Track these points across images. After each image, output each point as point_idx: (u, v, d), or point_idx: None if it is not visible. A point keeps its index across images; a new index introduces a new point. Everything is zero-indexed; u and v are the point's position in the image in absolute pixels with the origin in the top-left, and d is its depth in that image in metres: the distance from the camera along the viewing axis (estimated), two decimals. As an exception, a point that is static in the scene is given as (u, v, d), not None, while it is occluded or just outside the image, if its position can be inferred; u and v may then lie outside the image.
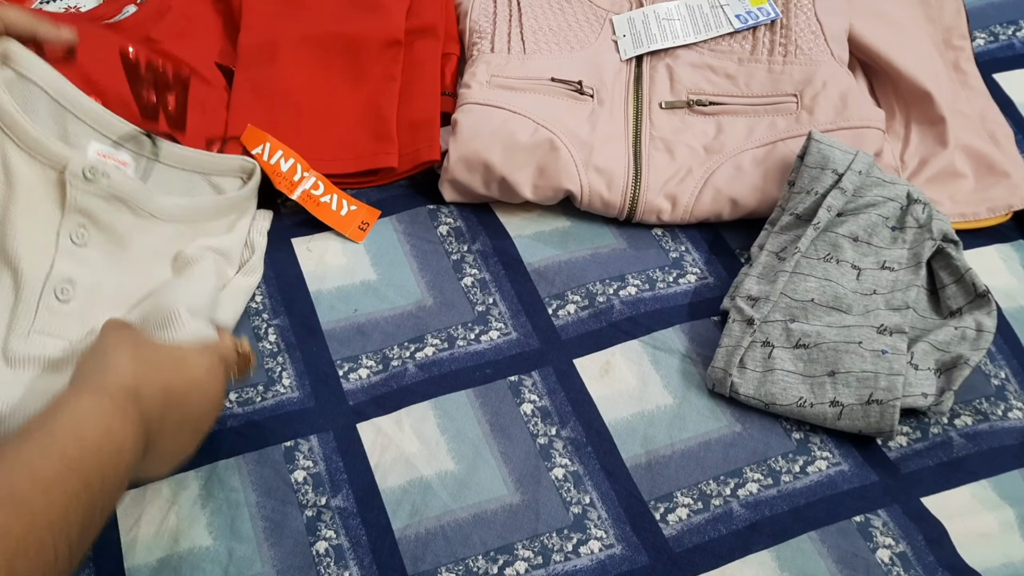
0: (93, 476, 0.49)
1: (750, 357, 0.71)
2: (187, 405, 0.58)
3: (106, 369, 0.55)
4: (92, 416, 0.51)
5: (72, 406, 0.52)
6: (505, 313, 0.76)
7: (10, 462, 0.48)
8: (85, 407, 0.52)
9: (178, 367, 0.58)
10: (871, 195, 0.76)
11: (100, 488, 0.49)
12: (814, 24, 0.88)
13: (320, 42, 0.87)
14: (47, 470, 0.47)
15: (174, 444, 0.59)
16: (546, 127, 0.81)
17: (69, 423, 0.51)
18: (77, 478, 0.48)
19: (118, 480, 0.51)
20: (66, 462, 0.48)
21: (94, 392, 0.53)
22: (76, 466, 0.48)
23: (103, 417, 0.52)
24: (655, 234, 0.82)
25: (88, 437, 0.50)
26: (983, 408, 0.72)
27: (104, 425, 0.51)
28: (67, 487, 0.47)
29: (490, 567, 0.63)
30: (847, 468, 0.68)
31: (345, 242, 0.80)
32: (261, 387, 0.71)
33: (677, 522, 0.65)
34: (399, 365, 0.72)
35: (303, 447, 0.68)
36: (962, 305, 0.74)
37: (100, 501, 0.49)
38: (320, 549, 0.63)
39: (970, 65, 0.93)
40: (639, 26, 0.89)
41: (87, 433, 0.50)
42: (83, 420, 0.51)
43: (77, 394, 0.53)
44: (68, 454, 0.49)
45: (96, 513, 0.49)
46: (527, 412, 0.70)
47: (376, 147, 0.83)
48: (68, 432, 0.50)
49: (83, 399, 0.52)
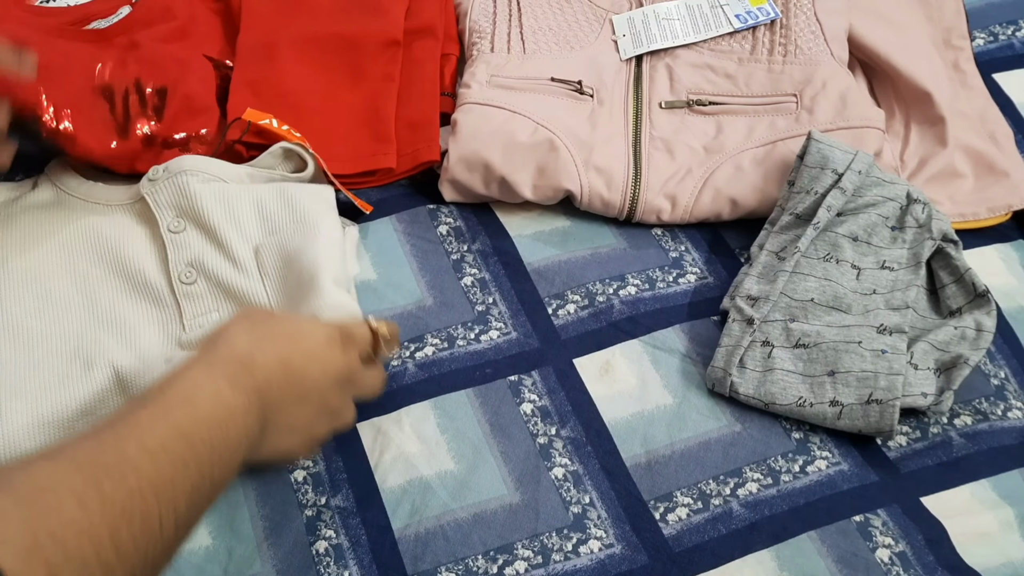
0: (202, 445, 0.49)
1: (750, 357, 0.71)
2: (306, 377, 0.57)
3: (220, 342, 0.55)
4: (203, 385, 0.51)
5: (184, 376, 0.52)
6: (505, 313, 0.76)
7: (122, 427, 0.47)
8: (196, 377, 0.52)
9: (295, 339, 0.58)
10: (871, 195, 0.76)
11: (210, 458, 0.49)
12: (814, 24, 0.88)
13: (319, 42, 0.87)
14: (156, 436, 0.47)
15: (296, 419, 0.58)
16: (546, 127, 0.81)
17: (180, 392, 0.50)
18: (186, 445, 0.48)
19: (230, 451, 0.51)
20: (176, 429, 0.48)
21: (207, 363, 0.53)
22: (185, 433, 0.48)
23: (214, 386, 0.51)
24: (655, 234, 0.82)
25: (199, 405, 0.50)
26: (983, 408, 0.72)
27: (214, 394, 0.51)
28: (175, 454, 0.47)
29: (490, 567, 0.63)
30: (847, 468, 0.68)
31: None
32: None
33: (677, 522, 0.65)
34: (399, 365, 0.72)
35: (303, 447, 0.68)
36: (962, 305, 0.74)
37: (211, 471, 0.49)
38: (320, 548, 0.63)
39: (970, 65, 0.93)
40: (639, 26, 0.89)
41: (198, 401, 0.50)
42: (194, 389, 0.51)
43: (190, 366, 0.53)
44: (178, 421, 0.48)
45: (206, 484, 0.49)
46: (527, 412, 0.70)
47: (375, 147, 0.83)
48: (179, 400, 0.50)
49: (195, 369, 0.52)
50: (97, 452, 0.46)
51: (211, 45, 0.88)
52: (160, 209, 0.74)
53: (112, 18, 0.88)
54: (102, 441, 0.46)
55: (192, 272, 0.72)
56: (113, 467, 0.45)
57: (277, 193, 0.75)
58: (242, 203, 0.74)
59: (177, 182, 0.74)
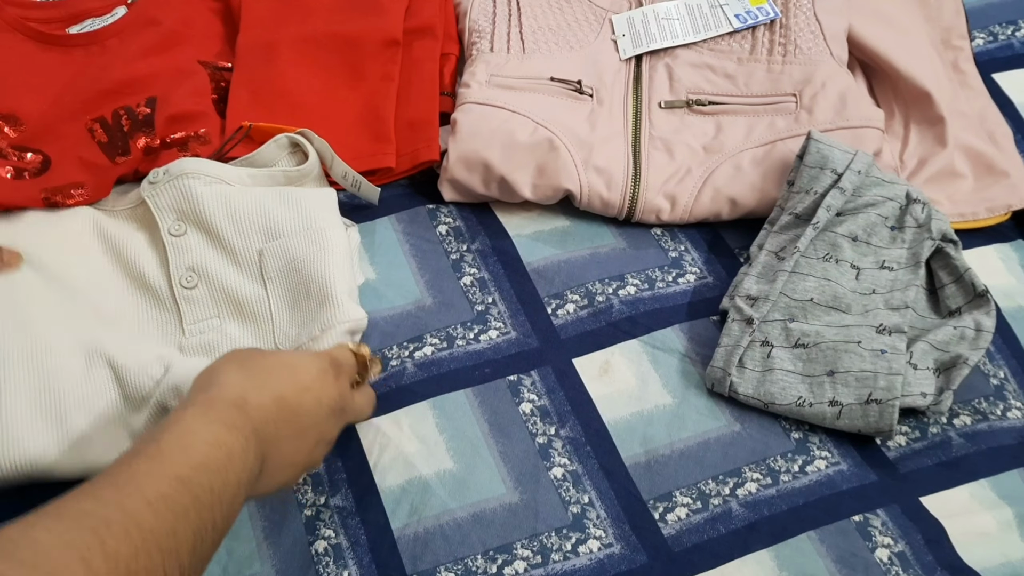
0: (202, 490, 0.48)
1: (749, 357, 0.71)
2: (301, 411, 0.57)
3: (212, 385, 0.54)
4: (199, 430, 0.50)
5: (178, 421, 0.51)
6: (504, 312, 0.76)
7: (121, 480, 0.47)
8: (191, 422, 0.51)
9: (287, 374, 0.58)
10: (870, 195, 0.76)
11: (211, 503, 0.48)
12: (813, 24, 0.88)
13: (318, 42, 0.87)
14: (155, 487, 0.46)
15: (295, 453, 0.57)
16: (545, 126, 0.81)
17: (176, 439, 0.50)
18: (186, 493, 0.47)
19: (230, 493, 0.50)
20: (175, 477, 0.47)
21: (200, 406, 0.52)
22: (184, 480, 0.48)
23: (210, 430, 0.51)
24: (654, 234, 0.82)
25: (195, 451, 0.49)
26: (982, 408, 0.72)
27: (211, 438, 0.50)
28: (176, 503, 0.46)
29: (489, 566, 0.63)
30: (846, 468, 0.68)
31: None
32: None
33: (676, 521, 0.65)
34: (398, 364, 0.72)
35: (302, 446, 0.68)
36: (961, 305, 0.74)
37: (212, 516, 0.48)
38: (319, 548, 0.63)
39: (969, 65, 0.93)
40: (638, 26, 0.89)
41: (194, 447, 0.49)
42: (189, 435, 0.50)
43: (183, 410, 0.52)
44: (176, 470, 0.48)
45: (208, 530, 0.48)
46: (526, 411, 0.70)
47: (374, 147, 0.83)
48: (175, 447, 0.49)
49: (188, 414, 0.52)
50: (98, 507, 0.45)
51: (209, 46, 0.88)
52: (161, 212, 0.74)
53: (107, 18, 0.88)
54: (101, 496, 0.46)
55: (193, 276, 0.72)
56: (115, 522, 0.44)
57: (281, 197, 0.75)
58: (245, 206, 0.74)
59: (179, 185, 0.73)
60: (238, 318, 0.71)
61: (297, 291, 0.71)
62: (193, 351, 0.70)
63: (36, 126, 0.80)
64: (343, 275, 0.71)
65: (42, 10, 0.88)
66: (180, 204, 0.73)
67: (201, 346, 0.70)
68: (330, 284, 0.69)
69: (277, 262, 0.72)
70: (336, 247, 0.72)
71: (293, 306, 0.71)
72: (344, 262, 0.72)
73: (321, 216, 0.74)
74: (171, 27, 0.87)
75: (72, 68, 0.85)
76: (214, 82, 0.85)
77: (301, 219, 0.74)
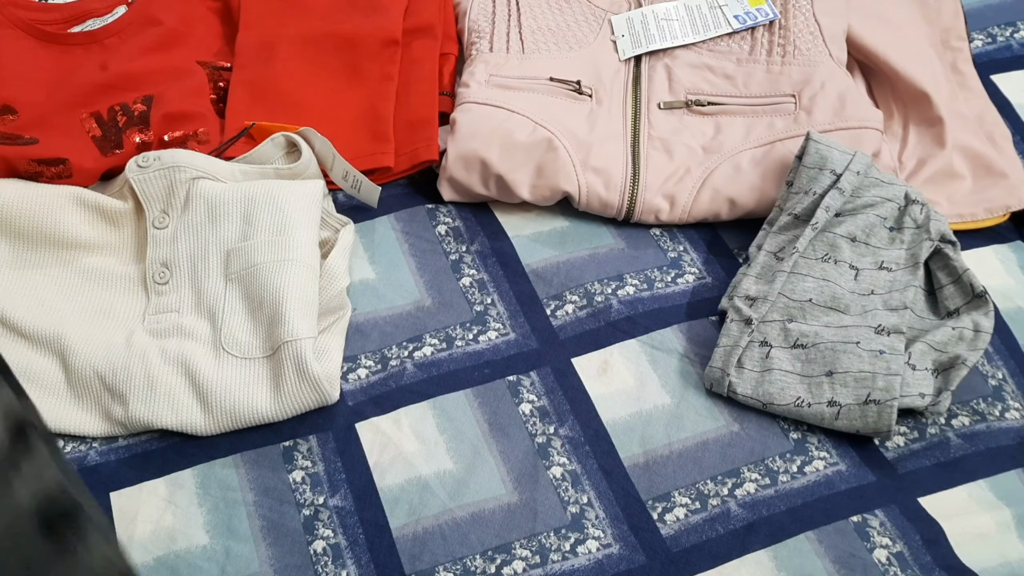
0: None
1: (748, 357, 0.71)
2: None
3: None
4: None
5: None
6: (503, 313, 0.76)
7: None
8: None
9: None
10: (869, 195, 0.76)
11: None
12: (812, 25, 0.88)
13: (318, 42, 0.87)
14: None
15: None
16: (544, 126, 0.81)
17: None
18: None
19: None
20: None
21: None
22: None
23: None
24: (653, 234, 0.82)
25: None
26: (980, 408, 0.72)
27: None
28: None
29: (488, 566, 0.63)
30: (844, 468, 0.68)
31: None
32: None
33: (675, 522, 0.65)
34: (398, 365, 0.72)
35: (302, 447, 0.68)
36: (960, 305, 0.74)
37: None
38: (318, 548, 0.63)
39: (968, 66, 0.93)
40: (638, 26, 0.89)
41: None
42: None
43: None
44: None
45: None
46: (525, 412, 0.70)
47: (373, 147, 0.83)
48: None
49: None
50: None
51: (208, 46, 0.88)
52: (148, 201, 0.74)
53: (108, 17, 0.89)
54: None
55: (166, 272, 0.73)
56: None
57: (268, 198, 0.74)
58: (229, 204, 0.74)
59: (169, 176, 0.74)
60: (195, 312, 0.72)
61: (252, 297, 0.71)
62: (154, 334, 0.72)
63: (30, 116, 0.80)
64: (300, 288, 0.70)
65: (45, 12, 0.88)
66: (167, 195, 0.74)
67: (156, 331, 0.72)
68: (281, 298, 0.69)
69: (240, 264, 0.72)
70: (299, 261, 0.71)
71: (247, 311, 0.71)
72: (303, 277, 0.71)
73: (298, 221, 0.73)
74: (171, 26, 0.87)
75: (70, 64, 0.85)
76: (213, 82, 0.85)
77: (275, 223, 0.73)
